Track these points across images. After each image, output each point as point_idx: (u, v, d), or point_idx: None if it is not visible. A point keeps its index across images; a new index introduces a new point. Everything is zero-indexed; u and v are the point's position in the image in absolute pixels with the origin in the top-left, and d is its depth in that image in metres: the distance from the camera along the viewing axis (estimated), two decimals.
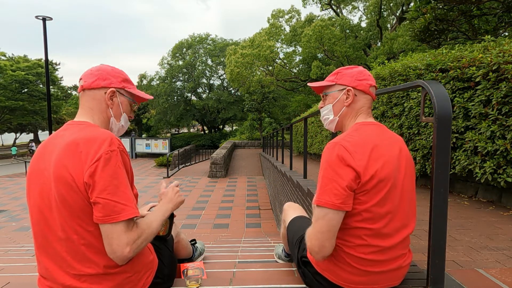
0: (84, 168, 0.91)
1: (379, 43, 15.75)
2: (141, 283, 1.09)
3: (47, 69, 9.82)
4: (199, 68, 31.32)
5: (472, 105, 2.89)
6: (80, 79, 1.11)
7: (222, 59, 29.34)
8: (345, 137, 1.07)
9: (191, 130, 45.99)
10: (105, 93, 1.10)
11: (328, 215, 0.99)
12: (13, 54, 29.08)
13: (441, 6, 5.61)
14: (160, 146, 24.69)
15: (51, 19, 9.62)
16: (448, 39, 6.25)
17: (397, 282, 1.13)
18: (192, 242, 1.77)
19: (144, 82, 32.39)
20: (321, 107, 1.27)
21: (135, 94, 1.19)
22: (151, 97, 1.27)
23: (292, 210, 1.58)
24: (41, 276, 1.04)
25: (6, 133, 35.60)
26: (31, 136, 43.39)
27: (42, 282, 1.03)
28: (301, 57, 19.25)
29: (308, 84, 1.32)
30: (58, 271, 0.98)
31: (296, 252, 1.31)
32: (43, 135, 44.39)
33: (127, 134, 25.94)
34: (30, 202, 1.01)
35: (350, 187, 0.99)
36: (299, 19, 19.45)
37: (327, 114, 1.24)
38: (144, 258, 1.11)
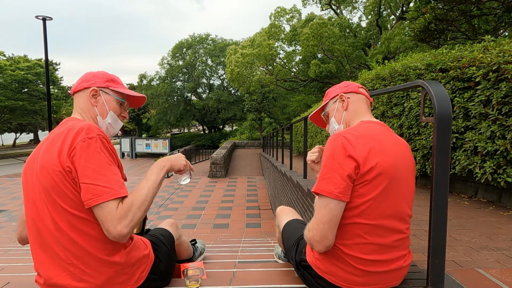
0: (64, 156, 0.96)
1: (379, 43, 15.75)
2: (136, 277, 1.10)
3: (47, 69, 9.81)
4: (199, 68, 31.26)
5: (472, 105, 2.89)
6: None
7: (222, 59, 29.28)
8: (348, 130, 1.11)
9: (191, 130, 45.99)
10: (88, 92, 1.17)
11: (329, 204, 1.01)
12: (13, 54, 29.02)
13: (441, 6, 5.61)
14: (160, 146, 24.65)
15: (51, 19, 9.62)
16: (448, 39, 6.25)
17: (398, 282, 1.14)
18: (192, 242, 1.77)
19: (144, 82, 32.32)
20: (327, 128, 1.35)
21: (124, 93, 1.23)
22: (143, 96, 1.31)
23: (284, 215, 1.58)
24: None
25: (6, 133, 35.52)
26: (31, 136, 43.37)
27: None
28: (301, 57, 19.25)
29: (309, 118, 1.42)
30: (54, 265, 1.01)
31: (294, 255, 1.31)
32: (43, 135, 44.36)
33: (127, 134, 25.88)
34: (27, 197, 1.05)
35: (350, 176, 1.01)
36: (299, 19, 19.44)
37: (334, 126, 1.29)
38: (138, 252, 1.12)
